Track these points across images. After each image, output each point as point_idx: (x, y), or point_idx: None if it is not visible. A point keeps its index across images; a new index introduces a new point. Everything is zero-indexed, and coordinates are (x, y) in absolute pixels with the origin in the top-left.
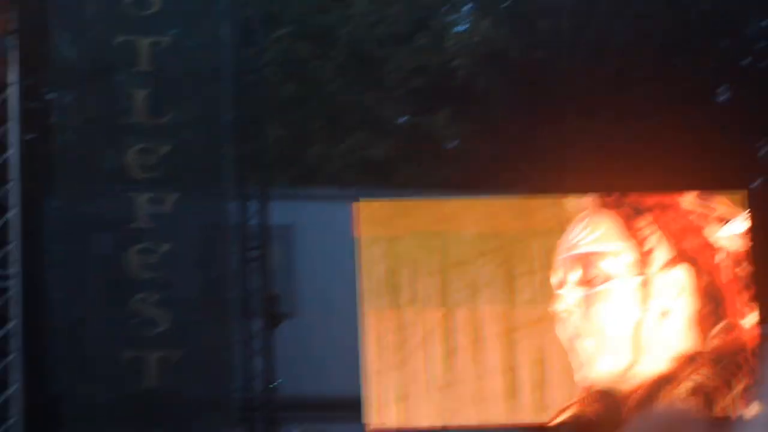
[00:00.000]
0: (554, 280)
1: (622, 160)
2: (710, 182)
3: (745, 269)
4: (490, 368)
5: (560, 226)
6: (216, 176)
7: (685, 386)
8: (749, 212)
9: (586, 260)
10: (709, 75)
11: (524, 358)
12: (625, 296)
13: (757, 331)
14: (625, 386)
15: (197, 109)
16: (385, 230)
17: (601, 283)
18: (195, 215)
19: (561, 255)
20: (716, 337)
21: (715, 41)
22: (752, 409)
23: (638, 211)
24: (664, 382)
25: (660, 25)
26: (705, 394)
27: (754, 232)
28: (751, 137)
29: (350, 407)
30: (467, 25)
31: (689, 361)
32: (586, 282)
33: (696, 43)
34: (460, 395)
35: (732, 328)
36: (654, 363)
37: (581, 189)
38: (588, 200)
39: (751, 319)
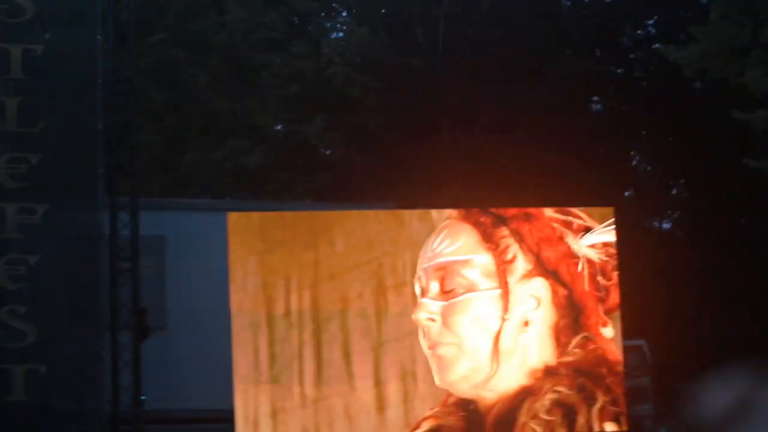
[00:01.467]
0: (417, 289)
1: (494, 174)
2: (580, 196)
3: (607, 280)
4: (361, 382)
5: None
6: (87, 186)
7: (546, 399)
8: (614, 223)
9: (447, 269)
10: (582, 84)
11: (395, 370)
12: (485, 306)
13: (618, 345)
14: (486, 397)
15: (69, 117)
16: (257, 243)
17: (462, 292)
18: (65, 226)
19: (423, 264)
20: (576, 349)
21: (589, 50)
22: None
23: (499, 221)
24: (525, 394)
25: (535, 34)
26: (566, 408)
27: (620, 243)
28: (623, 148)
29: (221, 422)
30: (344, 33)
31: (549, 373)
32: (447, 291)
33: (570, 53)
34: (332, 410)
35: (592, 339)
36: (514, 373)
37: (453, 202)
38: (451, 211)
39: (611, 331)
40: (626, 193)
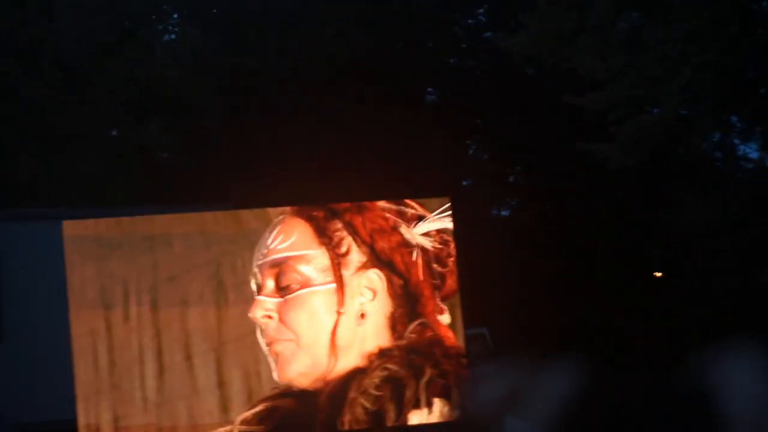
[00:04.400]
0: (253, 286)
1: (331, 170)
2: (418, 188)
3: (442, 267)
4: (204, 384)
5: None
6: None
7: (376, 376)
8: (450, 212)
9: (282, 266)
10: (416, 76)
11: (238, 370)
12: (321, 301)
13: (457, 332)
14: (321, 383)
15: None
16: (94, 249)
17: (298, 288)
18: None
19: (258, 261)
20: (412, 334)
21: (421, 42)
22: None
23: (333, 214)
24: (356, 373)
25: (367, 29)
26: (395, 383)
27: (459, 233)
28: (459, 138)
29: None
30: (176, 35)
31: (383, 354)
32: (283, 288)
33: (402, 45)
34: (175, 414)
35: (429, 326)
36: (352, 364)
37: (292, 199)
38: (285, 207)
39: (448, 318)
40: (464, 182)
